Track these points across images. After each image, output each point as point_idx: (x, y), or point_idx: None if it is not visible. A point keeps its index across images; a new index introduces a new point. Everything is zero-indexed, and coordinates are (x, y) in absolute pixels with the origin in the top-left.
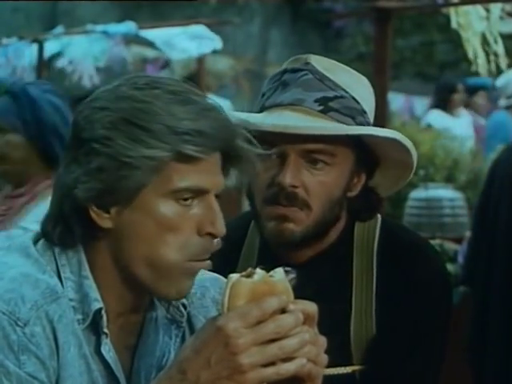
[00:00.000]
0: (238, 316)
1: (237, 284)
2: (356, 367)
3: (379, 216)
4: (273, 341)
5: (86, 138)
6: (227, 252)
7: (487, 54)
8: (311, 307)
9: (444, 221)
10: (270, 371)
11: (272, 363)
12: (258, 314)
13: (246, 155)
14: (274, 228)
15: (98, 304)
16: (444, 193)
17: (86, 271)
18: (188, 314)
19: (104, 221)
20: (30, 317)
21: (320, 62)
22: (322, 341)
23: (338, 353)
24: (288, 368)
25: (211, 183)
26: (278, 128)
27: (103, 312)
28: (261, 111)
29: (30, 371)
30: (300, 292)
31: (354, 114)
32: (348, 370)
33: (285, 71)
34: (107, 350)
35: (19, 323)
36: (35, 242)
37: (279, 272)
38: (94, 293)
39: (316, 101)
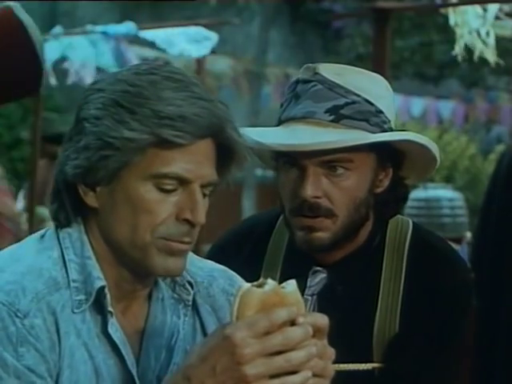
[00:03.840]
0: (246, 326)
1: (247, 293)
2: (375, 364)
3: (411, 221)
4: (280, 352)
5: (80, 117)
6: (254, 243)
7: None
8: (322, 320)
9: (443, 221)
10: (274, 383)
11: (277, 375)
12: (267, 324)
13: (236, 146)
14: (303, 238)
15: (100, 282)
16: (443, 193)
17: (89, 252)
18: (195, 301)
19: (90, 199)
20: (30, 308)
21: (329, 69)
22: (330, 353)
23: (359, 350)
24: (293, 381)
25: (195, 174)
26: (288, 148)
27: (106, 290)
28: (278, 124)
29: (28, 364)
30: (329, 291)
31: (368, 116)
32: (368, 366)
33: (297, 81)
34: (114, 330)
35: (19, 314)
36: (44, 234)
37: (291, 284)
38: (97, 272)
39: (327, 111)
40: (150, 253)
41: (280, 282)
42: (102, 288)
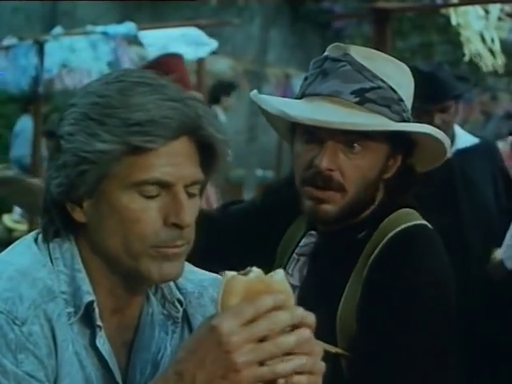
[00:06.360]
0: (232, 314)
1: (231, 281)
2: (339, 350)
3: (411, 222)
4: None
5: (58, 134)
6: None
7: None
8: (310, 317)
9: None
10: (265, 370)
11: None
12: (252, 312)
13: (214, 141)
14: (311, 207)
15: (89, 297)
16: None
17: (79, 264)
18: (186, 312)
19: (78, 214)
20: (27, 315)
21: (359, 52)
22: (319, 350)
23: (325, 328)
24: (284, 367)
25: (175, 176)
26: (314, 122)
27: (95, 305)
28: (301, 97)
29: (27, 370)
30: (315, 258)
31: (390, 103)
32: (332, 349)
33: (326, 58)
34: (102, 342)
35: (17, 322)
36: (36, 237)
37: (279, 273)
38: (86, 286)
39: (353, 92)
40: (144, 261)
41: (286, 240)
42: (91, 303)
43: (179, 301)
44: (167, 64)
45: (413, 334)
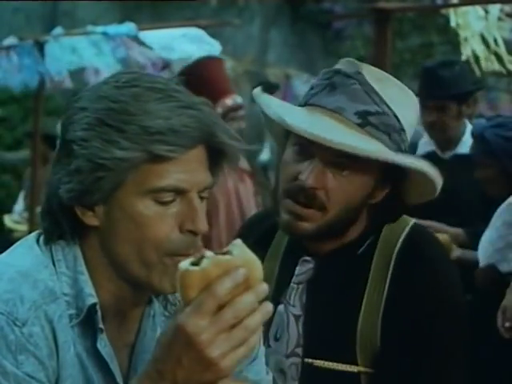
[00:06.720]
0: (194, 310)
1: (185, 275)
2: (361, 368)
3: (411, 222)
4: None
5: (67, 139)
6: (265, 231)
7: (486, 56)
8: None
9: None
10: (241, 351)
11: None
12: (213, 302)
13: (227, 149)
14: (288, 222)
15: (92, 299)
16: None
17: (82, 266)
18: None
19: (89, 219)
20: (28, 317)
21: (372, 73)
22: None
23: (343, 349)
24: (255, 339)
25: (190, 182)
26: (311, 136)
27: (98, 307)
28: (304, 104)
29: (28, 371)
30: (314, 283)
31: (391, 131)
32: (353, 369)
33: (337, 72)
34: (103, 345)
35: (17, 323)
36: (38, 238)
37: (237, 245)
38: (89, 288)
39: (356, 113)
40: (157, 272)
41: (279, 271)
42: (94, 305)
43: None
44: (208, 66)
45: (442, 343)
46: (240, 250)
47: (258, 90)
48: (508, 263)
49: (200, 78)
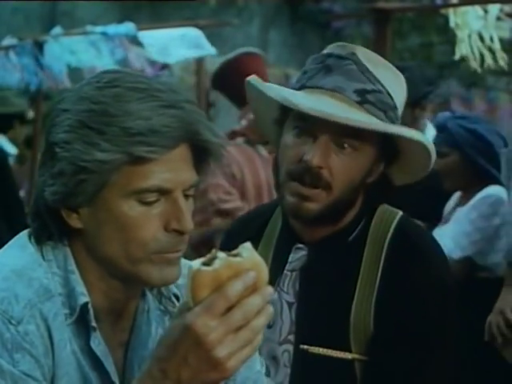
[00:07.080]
0: (204, 310)
1: (197, 275)
2: (355, 355)
3: (399, 212)
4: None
5: (50, 141)
6: (258, 227)
7: (482, 52)
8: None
9: None
10: (247, 351)
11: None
12: (224, 303)
13: (211, 146)
14: (294, 204)
15: (84, 298)
16: None
17: (72, 266)
18: None
19: (74, 221)
20: (23, 315)
21: (365, 54)
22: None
23: (336, 336)
24: (259, 339)
25: (174, 182)
26: (317, 113)
27: (89, 306)
28: (300, 89)
29: (24, 369)
30: (308, 269)
31: (387, 108)
32: (347, 356)
33: (329, 55)
34: (96, 343)
35: (13, 321)
36: (30, 236)
37: (246, 247)
38: (80, 287)
39: (355, 91)
40: (145, 266)
41: (273, 259)
42: (86, 304)
43: (175, 295)
44: (246, 62)
45: (434, 328)
46: (249, 252)
47: (254, 78)
48: (485, 256)
49: (240, 74)
